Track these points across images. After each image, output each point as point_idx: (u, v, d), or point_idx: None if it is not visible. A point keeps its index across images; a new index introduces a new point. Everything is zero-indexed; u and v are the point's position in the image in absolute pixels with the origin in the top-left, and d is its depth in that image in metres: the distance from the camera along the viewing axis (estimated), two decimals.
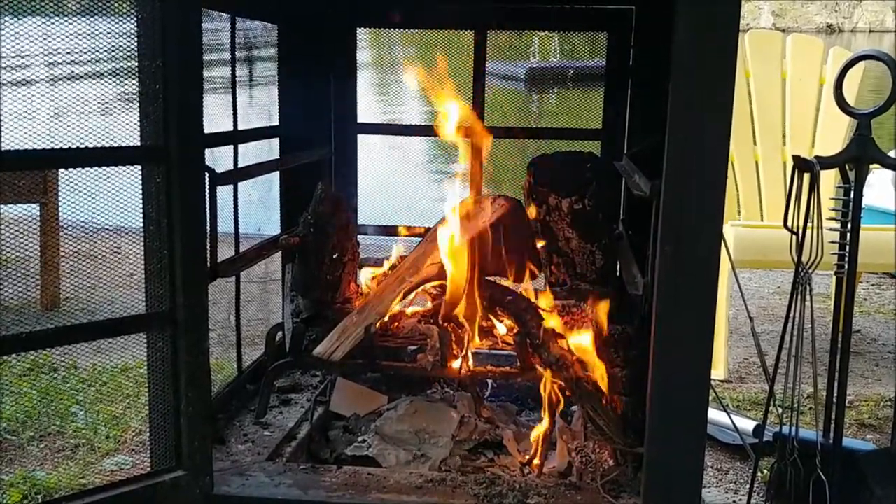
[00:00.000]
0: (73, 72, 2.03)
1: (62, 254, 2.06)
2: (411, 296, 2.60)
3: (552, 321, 2.49)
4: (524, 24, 3.11)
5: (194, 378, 2.03)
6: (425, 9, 3.08)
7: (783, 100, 3.97)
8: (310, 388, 2.84)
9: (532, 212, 2.66)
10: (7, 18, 1.79)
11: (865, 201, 2.05)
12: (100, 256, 2.05)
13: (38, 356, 1.99)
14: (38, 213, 3.57)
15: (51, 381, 2.75)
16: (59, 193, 3.41)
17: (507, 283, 2.60)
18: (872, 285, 5.07)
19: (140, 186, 1.98)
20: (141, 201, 1.98)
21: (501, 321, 2.60)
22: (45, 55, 1.95)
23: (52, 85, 1.96)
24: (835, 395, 2.07)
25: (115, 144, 1.92)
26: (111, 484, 2.02)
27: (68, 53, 1.98)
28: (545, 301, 2.59)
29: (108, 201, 2.00)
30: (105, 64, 2.05)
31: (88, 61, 2.04)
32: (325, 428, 2.62)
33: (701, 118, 1.83)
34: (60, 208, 3.39)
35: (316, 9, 2.94)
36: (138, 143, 1.95)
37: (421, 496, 2.11)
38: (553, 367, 2.34)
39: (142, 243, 2.00)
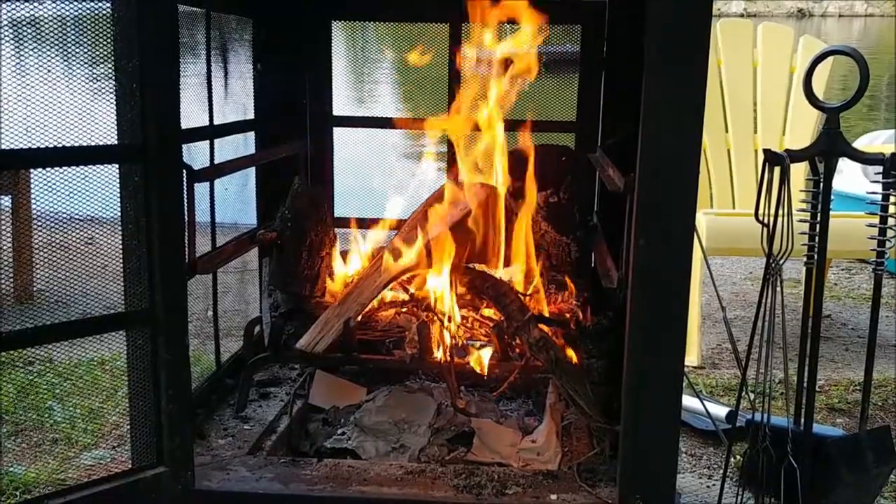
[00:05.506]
0: (47, 69, 2.02)
1: (34, 245, 2.03)
2: (390, 287, 2.62)
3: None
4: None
5: (174, 375, 2.04)
6: (399, 1, 3.08)
7: (755, 88, 4.02)
8: (288, 381, 2.85)
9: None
10: None
11: (836, 187, 2.09)
12: (73, 247, 2.03)
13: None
14: (10, 205, 3.55)
15: (26, 375, 2.74)
16: (32, 184, 3.37)
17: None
18: (843, 270, 5.15)
19: (112, 179, 1.96)
20: (113, 191, 1.96)
21: (480, 310, 2.62)
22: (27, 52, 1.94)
23: (24, 85, 1.94)
24: (805, 383, 2.12)
25: (92, 143, 1.91)
26: (92, 481, 2.02)
27: (43, 50, 1.96)
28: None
29: (82, 194, 1.98)
30: (81, 61, 2.04)
31: (63, 58, 2.02)
32: (304, 421, 2.64)
33: (674, 110, 1.85)
34: (32, 198, 3.35)
35: (290, 2, 2.94)
36: (115, 142, 1.94)
37: (401, 488, 2.14)
38: (534, 349, 2.36)
39: (115, 234, 1.99)
